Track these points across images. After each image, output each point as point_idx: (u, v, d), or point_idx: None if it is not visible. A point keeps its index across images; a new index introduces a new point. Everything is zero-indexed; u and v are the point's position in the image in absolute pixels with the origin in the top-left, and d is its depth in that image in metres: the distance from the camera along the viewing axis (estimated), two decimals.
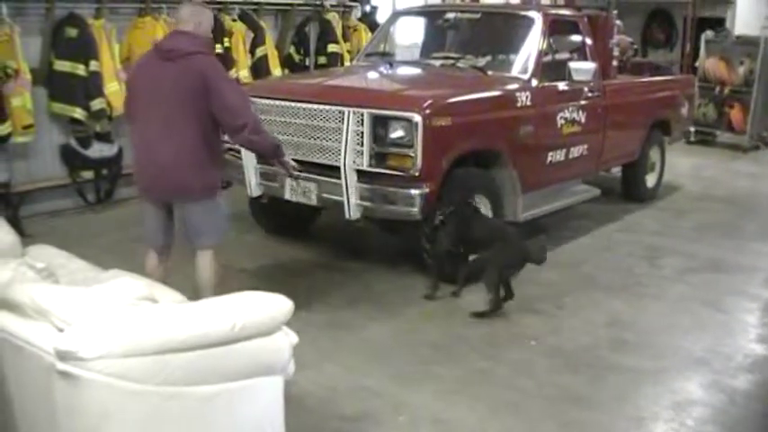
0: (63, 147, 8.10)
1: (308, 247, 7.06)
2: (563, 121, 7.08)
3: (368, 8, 11.44)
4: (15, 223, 6.38)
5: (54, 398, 2.90)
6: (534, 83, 6.78)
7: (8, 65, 7.23)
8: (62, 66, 7.77)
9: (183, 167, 4.61)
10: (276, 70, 9.66)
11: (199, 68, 4.51)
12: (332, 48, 10.33)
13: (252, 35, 9.45)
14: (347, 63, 10.05)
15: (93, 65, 7.80)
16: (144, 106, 4.72)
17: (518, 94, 6.56)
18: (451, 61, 7.23)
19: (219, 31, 8.93)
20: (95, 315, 2.95)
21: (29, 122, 7.47)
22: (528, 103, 6.59)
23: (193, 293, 4.51)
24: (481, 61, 7.09)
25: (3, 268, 3.53)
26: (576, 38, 7.69)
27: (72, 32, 7.77)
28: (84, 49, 7.78)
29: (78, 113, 7.84)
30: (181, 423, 3.15)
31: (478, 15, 7.79)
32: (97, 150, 8.19)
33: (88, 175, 8.20)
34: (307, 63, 10.39)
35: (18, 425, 3.20)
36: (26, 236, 6.21)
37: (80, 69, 7.75)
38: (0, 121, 7.18)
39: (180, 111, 4.53)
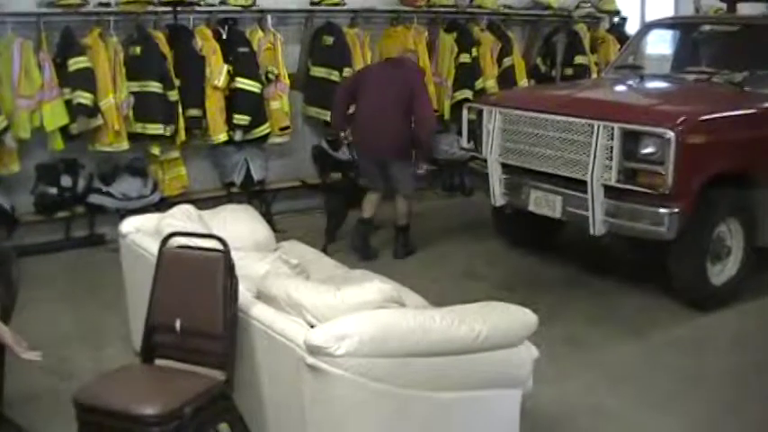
0: (315, 148, 8.48)
1: (549, 260, 6.93)
2: None
3: (616, 19, 11.12)
4: (268, 219, 6.75)
5: (302, 388, 3.03)
6: None
7: (270, 70, 7.72)
8: (318, 72, 8.15)
9: (391, 136, 6.64)
10: (522, 81, 9.60)
11: (412, 78, 6.81)
12: (579, 59, 10.12)
13: (499, 45, 9.46)
14: (594, 75, 9.82)
15: (347, 72, 8.08)
16: (372, 92, 6.73)
17: None
18: (706, 76, 6.86)
19: (467, 41, 9.03)
20: (346, 314, 3.05)
21: (285, 124, 7.92)
22: None
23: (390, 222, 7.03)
24: (738, 77, 6.65)
25: (261, 262, 3.74)
26: None
27: (328, 40, 8.13)
28: (340, 57, 8.11)
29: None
30: (419, 425, 3.20)
31: (737, 28, 7.35)
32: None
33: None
34: (553, 74, 10.25)
35: (266, 408, 3.38)
36: (277, 231, 6.54)
37: (334, 75, 8.07)
38: (260, 122, 7.65)
39: (393, 100, 6.62)
